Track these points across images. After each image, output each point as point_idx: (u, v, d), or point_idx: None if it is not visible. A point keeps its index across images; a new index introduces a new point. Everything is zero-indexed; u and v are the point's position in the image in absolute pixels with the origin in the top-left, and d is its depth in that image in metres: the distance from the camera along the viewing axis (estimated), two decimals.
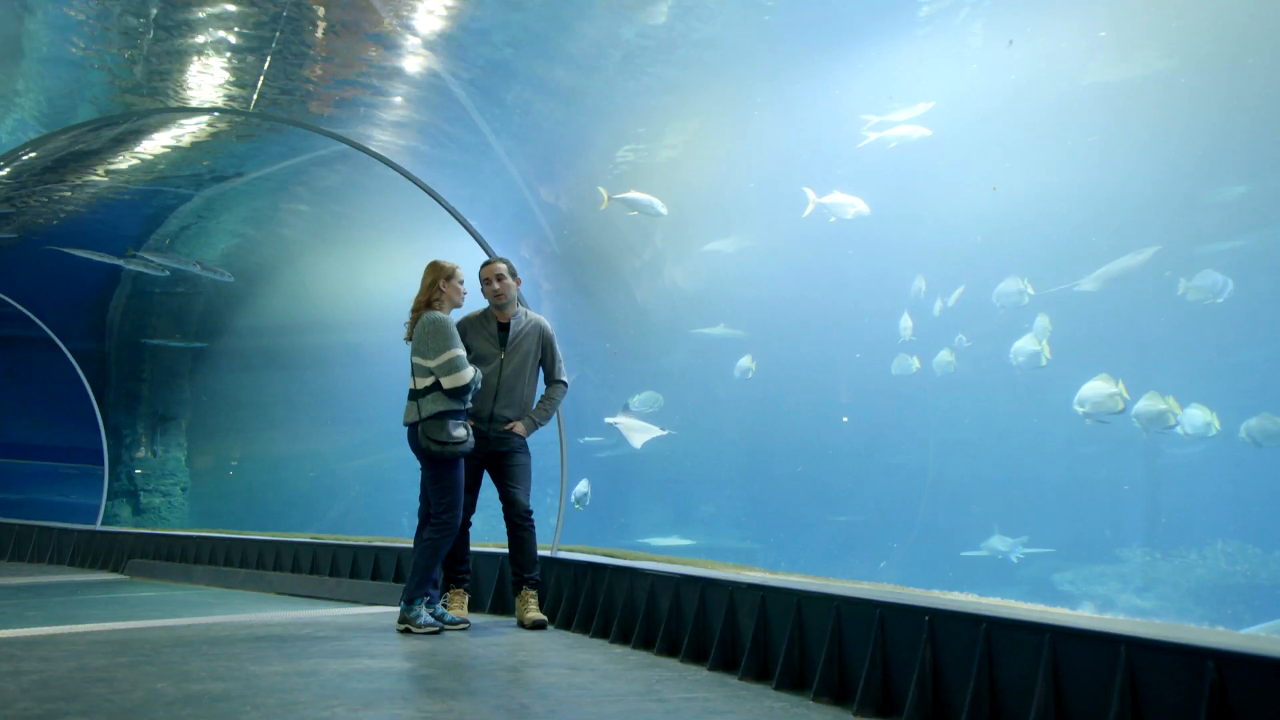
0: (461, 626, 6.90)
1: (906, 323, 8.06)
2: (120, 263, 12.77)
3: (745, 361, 9.06)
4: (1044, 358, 7.47)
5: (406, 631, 6.67)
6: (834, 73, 7.01)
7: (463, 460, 6.80)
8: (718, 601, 5.73)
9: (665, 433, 8.83)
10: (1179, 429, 6.84)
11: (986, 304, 7.61)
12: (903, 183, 7.79)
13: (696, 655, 5.81)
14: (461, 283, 6.95)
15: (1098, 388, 6.98)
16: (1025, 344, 7.47)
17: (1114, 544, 7.69)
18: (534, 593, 7.10)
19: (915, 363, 8.44)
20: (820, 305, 8.68)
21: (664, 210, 8.02)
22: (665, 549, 9.49)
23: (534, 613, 7.03)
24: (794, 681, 5.09)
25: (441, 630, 6.75)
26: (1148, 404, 6.90)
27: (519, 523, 7.08)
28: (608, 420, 8.62)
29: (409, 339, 6.89)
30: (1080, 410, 7.09)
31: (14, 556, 13.11)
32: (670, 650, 6.03)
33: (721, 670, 5.52)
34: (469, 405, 6.83)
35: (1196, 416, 6.85)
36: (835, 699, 4.81)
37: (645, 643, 6.27)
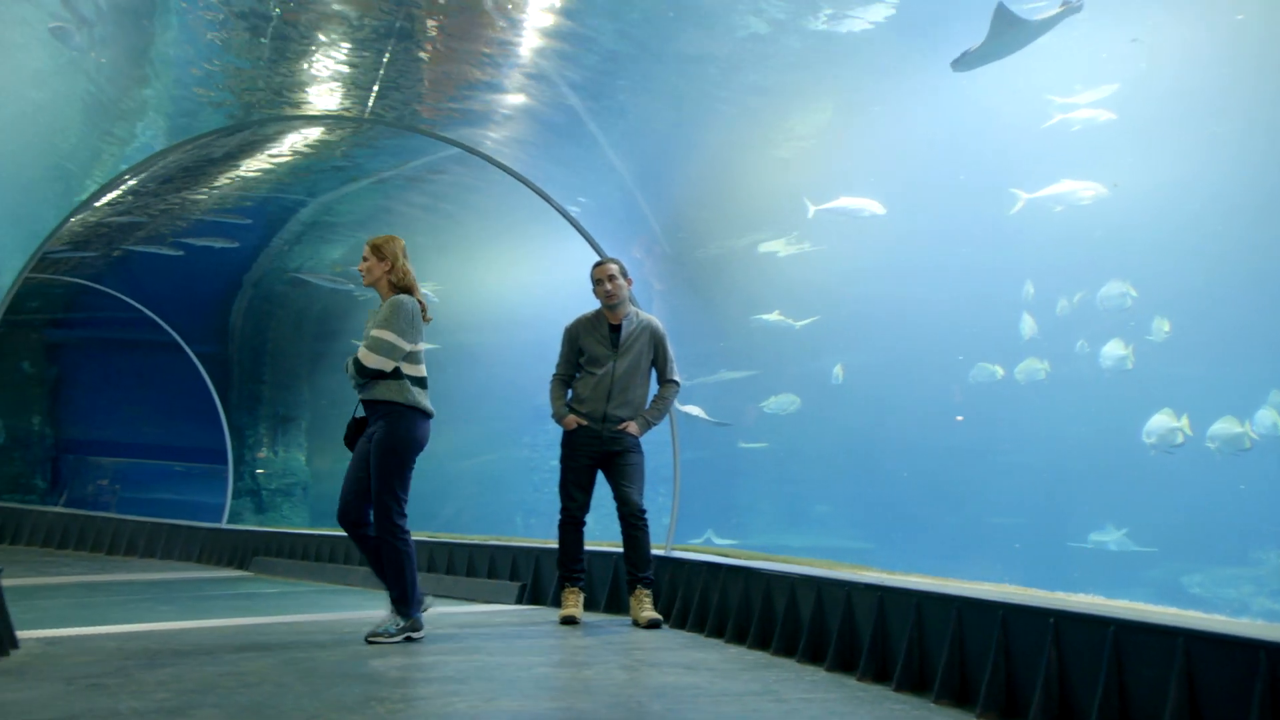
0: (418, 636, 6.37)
1: (1029, 323, 7.90)
2: (351, 287, 13.10)
3: (836, 370, 9.02)
4: (1129, 361, 7.36)
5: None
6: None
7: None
8: (834, 602, 5.67)
9: (722, 423, 8.85)
10: (1248, 441, 6.70)
11: (1110, 303, 7.43)
12: (1026, 176, 7.62)
13: (813, 655, 5.76)
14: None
15: (1161, 422, 6.93)
16: (1113, 349, 7.41)
17: (1247, 546, 7.43)
18: (648, 592, 7.11)
19: (998, 371, 8.30)
20: (936, 302, 8.54)
21: (881, 210, 7.93)
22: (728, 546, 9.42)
23: (649, 612, 7.04)
24: (914, 683, 5.02)
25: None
26: (1223, 427, 6.79)
27: (633, 522, 7.09)
28: (683, 409, 8.58)
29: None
30: (1147, 441, 7.01)
31: (146, 553, 13.56)
32: (787, 650, 5.99)
33: (839, 671, 5.47)
34: (358, 393, 6.52)
35: (1265, 418, 6.70)
36: (957, 701, 4.73)
37: (761, 643, 6.24)
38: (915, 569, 6.44)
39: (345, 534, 6.34)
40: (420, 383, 6.32)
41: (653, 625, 6.98)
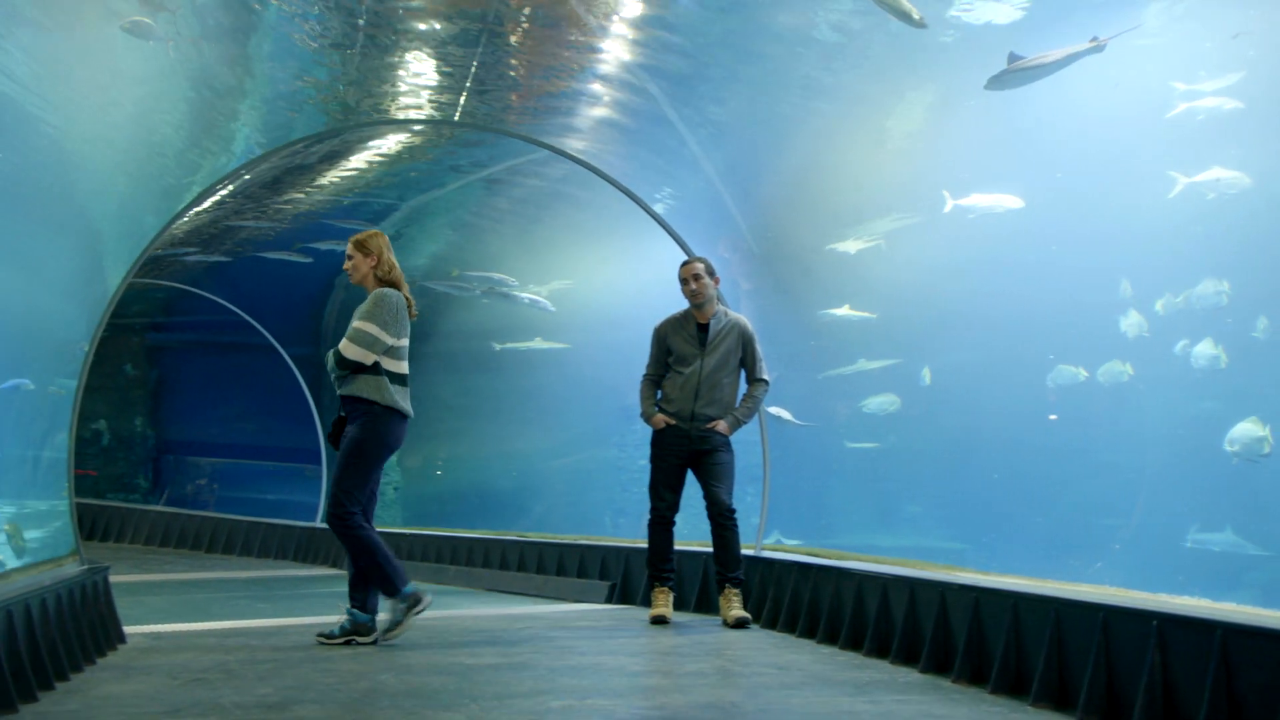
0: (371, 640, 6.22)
1: (1135, 319, 7.71)
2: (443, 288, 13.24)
3: (924, 373, 8.93)
4: (1222, 361, 7.19)
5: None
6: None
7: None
8: (928, 603, 5.60)
9: (805, 424, 8.78)
10: None
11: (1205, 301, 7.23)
12: (1117, 168, 7.43)
13: (907, 657, 5.69)
14: None
15: (1246, 430, 6.79)
16: (1204, 348, 7.28)
17: None
18: (738, 591, 7.09)
19: (1081, 373, 8.12)
20: (1029, 299, 8.37)
21: (1019, 204, 7.85)
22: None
23: (738, 611, 7.01)
24: (1010, 685, 4.94)
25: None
26: None
27: (722, 521, 7.07)
28: (769, 410, 8.53)
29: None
30: (1230, 449, 6.85)
31: (243, 552, 13.86)
32: (879, 651, 5.93)
33: (934, 673, 5.39)
34: (337, 388, 6.25)
35: None
36: (1056, 704, 4.64)
37: (853, 643, 6.18)
38: (1010, 570, 6.32)
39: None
40: (400, 380, 6.21)
41: (741, 624, 6.96)
